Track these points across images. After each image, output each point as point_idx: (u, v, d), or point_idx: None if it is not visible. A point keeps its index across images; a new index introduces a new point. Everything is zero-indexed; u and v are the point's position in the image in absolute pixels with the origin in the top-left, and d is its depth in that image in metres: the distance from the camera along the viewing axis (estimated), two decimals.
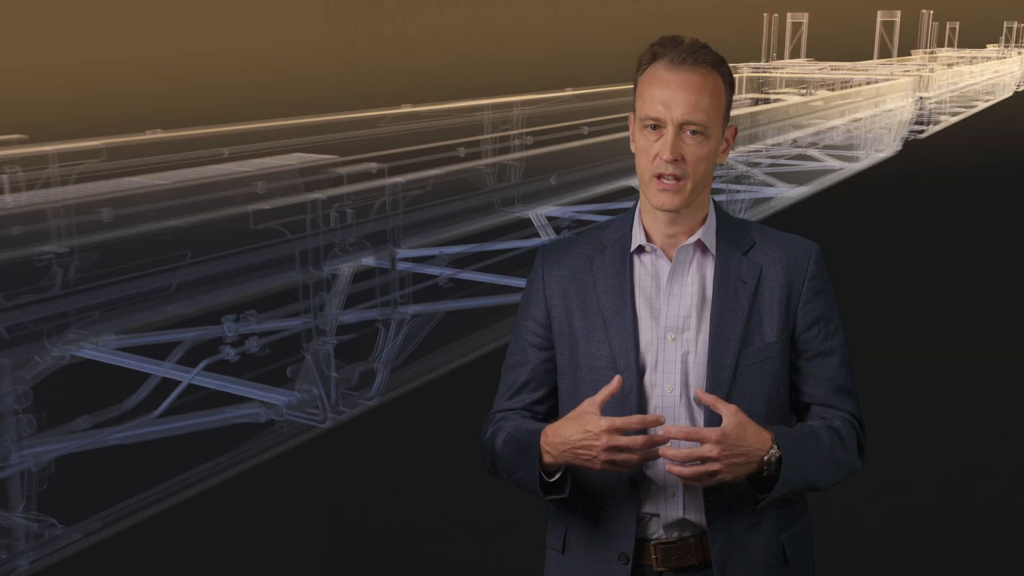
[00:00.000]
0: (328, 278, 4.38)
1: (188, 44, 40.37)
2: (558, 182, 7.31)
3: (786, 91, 14.26)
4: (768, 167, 11.66)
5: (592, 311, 1.78)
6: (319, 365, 4.47)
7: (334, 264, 4.47)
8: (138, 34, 40.23)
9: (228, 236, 4.09)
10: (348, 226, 4.50)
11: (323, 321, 4.42)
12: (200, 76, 35.10)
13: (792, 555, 1.81)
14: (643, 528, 1.78)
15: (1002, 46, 36.10)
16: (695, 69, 1.67)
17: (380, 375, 4.86)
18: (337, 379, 4.55)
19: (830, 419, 1.79)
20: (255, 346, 4.29)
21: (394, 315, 4.84)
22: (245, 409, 4.70)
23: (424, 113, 8.24)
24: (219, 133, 6.14)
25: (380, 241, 4.73)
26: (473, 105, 8.66)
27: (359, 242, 4.59)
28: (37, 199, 3.91)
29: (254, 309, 4.26)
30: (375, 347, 4.88)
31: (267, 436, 4.64)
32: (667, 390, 1.74)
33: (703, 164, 1.69)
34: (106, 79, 33.26)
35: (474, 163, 6.26)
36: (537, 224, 8.50)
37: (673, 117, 1.66)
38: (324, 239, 4.34)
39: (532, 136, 8.98)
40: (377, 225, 4.65)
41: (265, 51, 39.98)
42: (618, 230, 1.82)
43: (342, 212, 4.46)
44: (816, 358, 1.80)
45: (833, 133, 12.78)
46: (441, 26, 47.49)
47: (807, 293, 1.78)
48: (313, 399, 4.62)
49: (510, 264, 7.47)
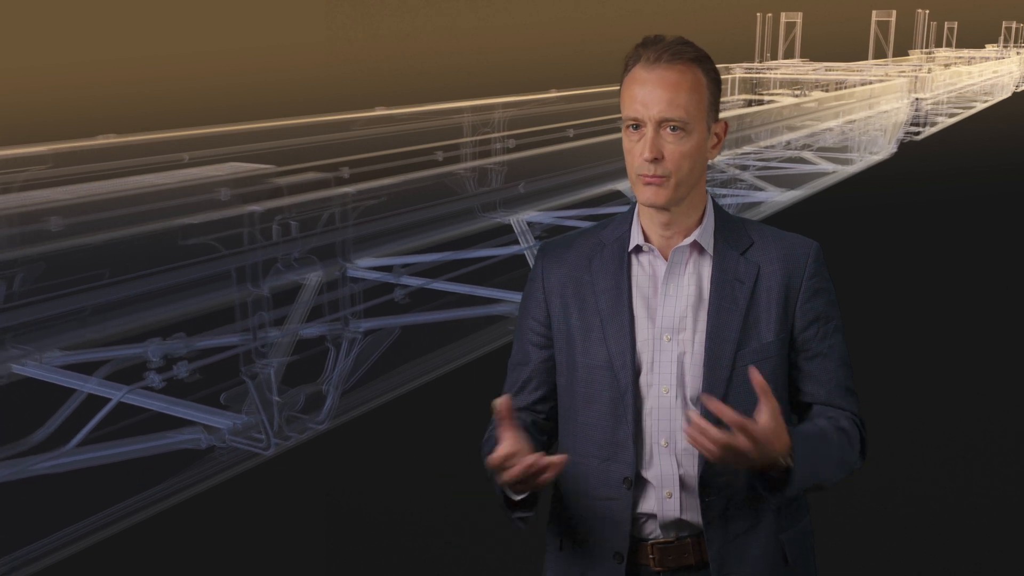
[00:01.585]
0: (268, 296, 4.01)
1: (188, 44, 40.21)
2: (527, 190, 6.94)
3: (780, 92, 13.88)
4: (759, 170, 11.31)
5: (590, 311, 1.76)
6: (260, 389, 4.11)
7: (276, 280, 4.11)
8: (138, 34, 40.03)
9: (158, 252, 3.73)
10: (292, 239, 4.13)
11: (262, 342, 4.05)
12: (200, 76, 34.95)
13: (792, 556, 1.78)
14: (640, 528, 1.75)
15: (1001, 46, 35.73)
16: (672, 66, 1.64)
17: (330, 398, 4.50)
18: (280, 403, 4.19)
19: (837, 419, 1.75)
20: (183, 371, 3.93)
21: (345, 333, 4.47)
22: (185, 434, 4.34)
23: (399, 116, 7.90)
24: (179, 137, 5.79)
25: (329, 255, 4.37)
26: (451, 108, 8.32)
27: (305, 256, 4.23)
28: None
29: (183, 331, 3.90)
30: (325, 367, 4.51)
31: (207, 464, 4.28)
32: (663, 391, 1.72)
33: (686, 161, 1.65)
34: (106, 79, 33.06)
35: (434, 171, 5.87)
36: (518, 230, 8.17)
37: (651, 115, 1.64)
38: (263, 254, 3.98)
39: (515, 139, 8.66)
40: (326, 238, 4.29)
41: (265, 51, 39.84)
42: (617, 229, 1.80)
43: (285, 225, 4.10)
44: (816, 357, 1.76)
45: (827, 135, 12.41)
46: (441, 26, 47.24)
47: (806, 292, 1.75)
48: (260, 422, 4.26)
49: (485, 273, 7.11)
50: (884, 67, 18.19)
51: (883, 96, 13.49)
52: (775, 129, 11.24)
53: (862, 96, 12.91)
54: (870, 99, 13.01)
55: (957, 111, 20.55)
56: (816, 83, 14.58)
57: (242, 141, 6.28)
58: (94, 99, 26.92)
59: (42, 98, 27.38)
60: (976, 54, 31.08)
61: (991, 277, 7.97)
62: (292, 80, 31.68)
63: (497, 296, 6.54)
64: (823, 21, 27.63)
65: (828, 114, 12.21)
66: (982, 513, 4.05)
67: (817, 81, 14.70)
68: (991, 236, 9.49)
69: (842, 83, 14.34)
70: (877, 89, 13.33)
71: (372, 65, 38.09)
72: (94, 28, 38.48)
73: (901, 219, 10.12)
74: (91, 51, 36.49)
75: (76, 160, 4.75)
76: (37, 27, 37.89)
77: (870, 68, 17.36)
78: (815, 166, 12.06)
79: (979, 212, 10.67)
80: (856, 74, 15.31)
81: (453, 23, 48.33)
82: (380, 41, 44.35)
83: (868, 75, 15.30)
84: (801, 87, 14.23)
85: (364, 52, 41.48)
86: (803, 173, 11.55)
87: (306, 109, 7.95)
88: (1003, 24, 37.27)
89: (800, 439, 1.63)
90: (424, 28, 46.49)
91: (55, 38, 37.19)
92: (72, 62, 35.29)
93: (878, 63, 20.61)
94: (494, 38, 45.88)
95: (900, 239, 9.31)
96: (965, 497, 4.19)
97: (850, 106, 12.56)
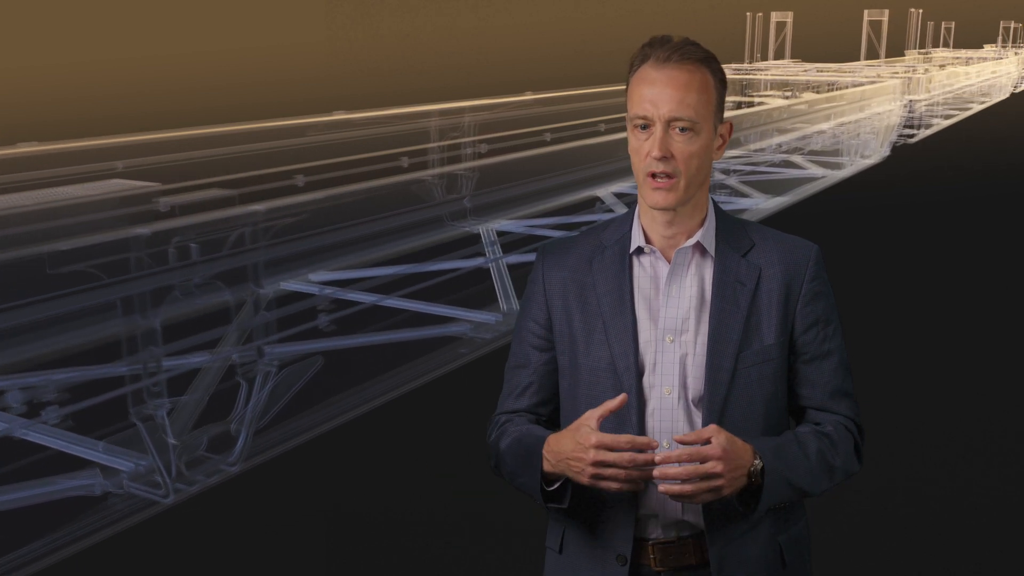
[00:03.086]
0: (156, 328, 3.50)
1: (188, 44, 39.88)
2: (472, 204, 6.44)
3: (770, 94, 13.32)
4: (746, 175, 10.78)
5: (592, 313, 1.74)
6: (153, 431, 3.60)
7: (172, 310, 3.60)
8: (138, 34, 39.70)
9: (28, 281, 3.23)
10: (191, 264, 3.62)
11: (155, 380, 3.54)
12: (200, 76, 34.59)
13: (790, 558, 1.76)
14: (641, 528, 1.72)
15: (999, 46, 35.13)
16: (681, 66, 1.63)
17: (242, 437, 3.99)
18: (177, 447, 3.68)
19: (822, 424, 1.74)
20: (54, 416, 3.43)
21: (259, 365, 3.96)
22: (80, 479, 3.83)
23: (358, 121, 7.39)
24: (112, 145, 5.30)
25: (238, 280, 3.85)
26: (416, 112, 7.80)
27: (209, 282, 3.72)
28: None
29: (49, 372, 3.40)
30: (235, 404, 4.00)
31: (102, 512, 3.76)
32: (665, 392, 1.69)
33: (694, 160, 1.64)
34: (106, 79, 32.74)
35: (377, 182, 5.36)
36: (486, 241, 7.66)
37: (660, 115, 1.63)
38: (153, 281, 3.47)
39: (487, 144, 8.16)
40: (232, 261, 3.77)
41: (265, 51, 39.48)
42: (617, 231, 1.77)
43: (183, 248, 3.59)
44: (814, 361, 1.74)
45: (816, 139, 11.84)
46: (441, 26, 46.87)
47: (806, 295, 1.72)
48: None
49: (442, 289, 6.59)
50: (877, 68, 17.59)
51: (875, 98, 12.90)
52: (763, 132, 10.72)
53: (853, 98, 12.33)
54: (860, 101, 12.43)
55: (953, 113, 19.95)
56: (807, 84, 14.00)
57: (186, 148, 5.79)
58: (94, 99, 26.60)
59: (42, 98, 27.05)
60: (974, 54, 30.48)
61: (991, 277, 7.83)
62: (292, 80, 31.34)
63: (452, 314, 6.02)
64: (814, 21, 27.18)
65: (817, 117, 11.66)
66: (982, 513, 3.97)
67: (808, 82, 14.12)
68: (990, 236, 9.30)
69: (833, 84, 13.76)
70: (869, 91, 12.74)
71: (372, 65, 37.71)
72: (94, 28, 38.09)
73: (899, 220, 9.90)
74: (91, 51, 36.12)
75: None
76: (37, 27, 37.52)
77: (862, 69, 16.78)
78: (803, 171, 11.50)
79: (978, 212, 10.44)
80: (848, 75, 14.72)
81: (453, 23, 47.89)
82: (380, 41, 43.96)
83: (860, 76, 14.70)
84: (792, 88, 13.65)
85: (364, 52, 41.10)
86: (790, 178, 10.99)
87: (306, 109, 7.74)
88: (1001, 24, 36.63)
89: (762, 448, 1.62)
90: (424, 28, 46.08)
91: (55, 38, 36.81)
92: (72, 62, 34.93)
93: (871, 64, 19.98)
94: (494, 38, 45.46)
95: (899, 239, 9.12)
96: (965, 497, 4.11)
97: (841, 108, 12.00)
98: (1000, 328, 6.47)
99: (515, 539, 3.67)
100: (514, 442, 1.73)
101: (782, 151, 11.80)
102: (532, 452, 1.67)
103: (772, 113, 10.97)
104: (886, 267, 8.10)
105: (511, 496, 1.96)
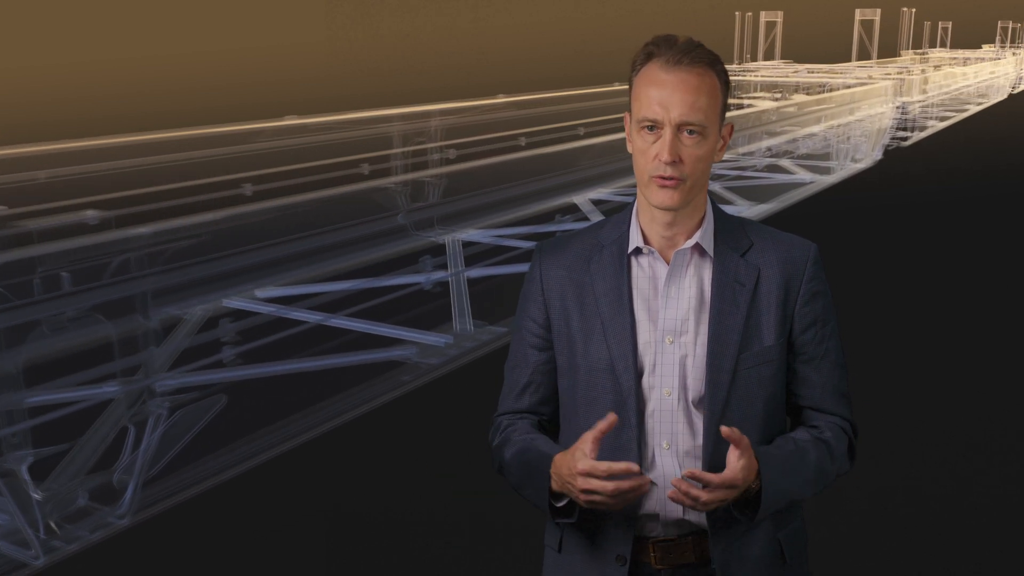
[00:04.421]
0: (16, 371, 3.00)
1: (188, 44, 39.45)
2: (407, 220, 5.94)
3: (759, 96, 12.76)
4: (731, 180, 10.25)
5: (590, 313, 1.70)
6: (13, 488, 3.10)
7: (39, 348, 3.10)
8: (138, 34, 39.27)
9: None
10: (59, 296, 3.11)
11: (14, 431, 3.04)
12: (200, 76, 34.17)
13: (790, 554, 1.74)
14: (642, 526, 1.69)
15: (997, 46, 34.49)
16: (692, 69, 1.58)
17: (131, 487, 3.48)
18: (44, 503, 3.17)
19: (821, 429, 1.72)
20: None
21: (149, 407, 3.46)
22: None
23: (313, 126, 6.89)
24: (63, 150, 4.81)
25: (124, 312, 3.35)
26: (375, 116, 7.30)
27: (86, 315, 3.22)
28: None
29: None
30: (121, 451, 3.49)
31: None
32: (665, 393, 1.66)
33: (701, 164, 1.61)
34: (106, 79, 32.33)
35: (294, 198, 4.84)
36: (450, 251, 7.16)
37: (671, 118, 1.58)
38: (8, 317, 2.97)
39: (455, 149, 7.67)
40: (114, 291, 3.27)
41: (265, 51, 39.04)
42: (615, 230, 1.73)
43: (51, 278, 3.09)
44: (812, 361, 1.72)
45: (806, 142, 11.28)
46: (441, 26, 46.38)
47: (804, 295, 1.70)
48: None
49: (398, 305, 6.10)
50: (869, 69, 16.99)
51: (865, 100, 12.32)
52: (750, 135, 10.18)
53: (843, 100, 11.76)
54: (850, 104, 11.85)
55: (949, 114, 19.34)
56: (797, 86, 13.43)
57: (134, 154, 5.31)
58: (94, 99, 26.22)
59: (42, 98, 26.67)
60: (971, 55, 29.83)
61: (991, 277, 7.69)
62: (292, 80, 30.96)
63: (398, 335, 5.51)
64: (805, 21, 26.60)
65: (808, 119, 11.11)
66: (982, 513, 3.93)
67: (798, 84, 13.55)
68: (989, 236, 9.11)
69: (824, 86, 13.20)
70: (859, 93, 12.17)
71: (372, 65, 37.27)
72: (94, 28, 37.68)
73: (898, 220, 9.68)
74: (91, 51, 35.72)
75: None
76: (37, 27, 37.13)
77: (855, 70, 16.19)
78: (790, 175, 10.94)
79: (977, 213, 10.15)
80: (839, 76, 14.14)
81: (453, 23, 47.41)
82: (380, 41, 43.51)
83: (852, 78, 14.12)
84: (782, 90, 13.09)
85: (364, 52, 40.67)
86: (776, 184, 10.44)
87: (306, 109, 7.43)
88: (999, 24, 35.96)
89: (770, 462, 1.61)
90: (424, 28, 45.61)
91: (55, 38, 36.41)
92: (72, 62, 34.52)
93: (863, 64, 19.35)
94: (494, 38, 44.99)
95: (898, 239, 8.92)
96: (965, 497, 4.07)
97: (831, 111, 11.44)
98: (1000, 328, 6.37)
99: (515, 539, 3.64)
100: (519, 453, 1.70)
101: (770, 155, 11.25)
102: (538, 470, 1.65)
103: (760, 116, 10.43)
104: (885, 267, 7.95)
105: (511, 496, 1.94)
